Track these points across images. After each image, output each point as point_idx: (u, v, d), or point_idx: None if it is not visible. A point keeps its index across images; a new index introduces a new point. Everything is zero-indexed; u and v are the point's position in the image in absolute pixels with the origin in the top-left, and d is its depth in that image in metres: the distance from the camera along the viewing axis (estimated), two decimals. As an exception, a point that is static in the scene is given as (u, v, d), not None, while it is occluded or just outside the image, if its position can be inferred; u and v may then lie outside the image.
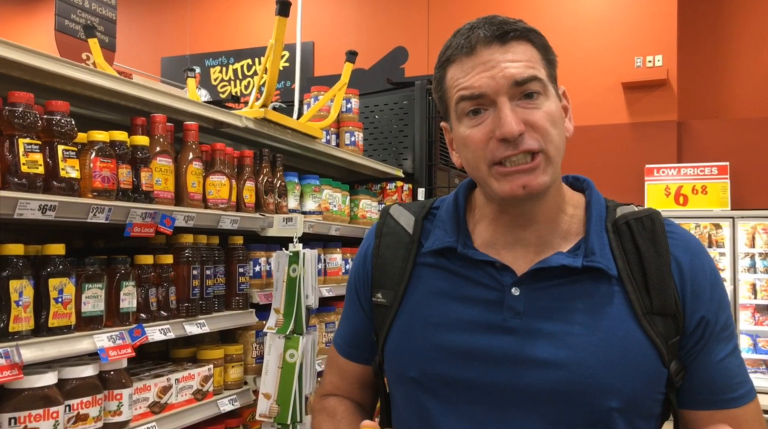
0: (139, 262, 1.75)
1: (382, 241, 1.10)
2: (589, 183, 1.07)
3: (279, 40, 2.18)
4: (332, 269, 2.62)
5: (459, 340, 0.97)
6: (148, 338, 1.66)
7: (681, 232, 1.01)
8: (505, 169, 0.93)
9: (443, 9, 7.20)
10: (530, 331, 0.95)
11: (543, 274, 0.96)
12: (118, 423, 1.60)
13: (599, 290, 0.95)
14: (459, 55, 0.96)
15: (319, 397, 1.21)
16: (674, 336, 0.95)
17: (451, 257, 1.03)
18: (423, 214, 1.10)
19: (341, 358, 1.18)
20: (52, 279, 1.46)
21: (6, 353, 1.31)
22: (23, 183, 1.38)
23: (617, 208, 1.03)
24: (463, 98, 0.95)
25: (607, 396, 0.91)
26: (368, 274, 1.11)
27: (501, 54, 0.94)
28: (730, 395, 0.95)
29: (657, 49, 6.49)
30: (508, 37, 0.95)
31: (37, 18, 9.31)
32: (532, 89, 0.93)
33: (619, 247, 0.98)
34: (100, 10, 3.59)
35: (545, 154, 0.93)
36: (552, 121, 0.94)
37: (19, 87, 1.51)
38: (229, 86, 8.67)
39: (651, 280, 0.95)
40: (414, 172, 3.40)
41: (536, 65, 0.95)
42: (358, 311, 1.14)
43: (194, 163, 1.92)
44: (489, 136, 0.93)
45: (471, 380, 0.96)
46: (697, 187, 6.04)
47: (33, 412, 1.38)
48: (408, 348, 1.02)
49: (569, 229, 1.01)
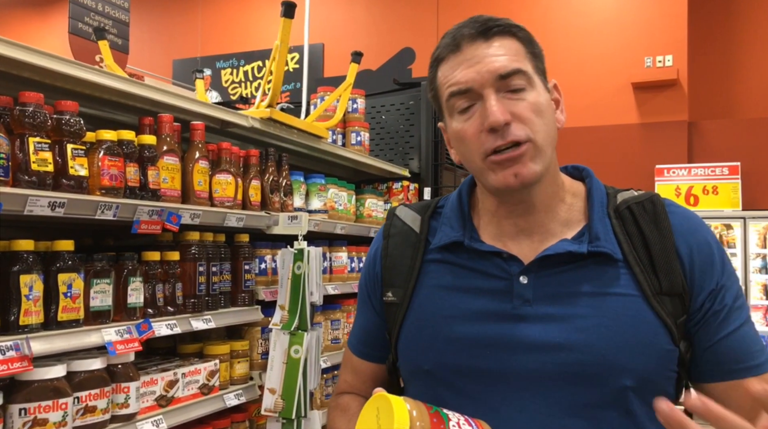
0: (146, 259, 1.79)
1: (390, 242, 1.13)
2: (588, 172, 1.09)
3: (284, 42, 2.21)
4: (338, 267, 2.65)
5: (471, 330, 1.00)
6: (154, 333, 1.70)
7: (682, 211, 1.03)
8: (497, 157, 0.96)
9: (452, 10, 7.22)
10: (540, 316, 0.97)
11: (549, 262, 0.99)
12: (125, 415, 1.63)
13: (606, 273, 0.98)
14: (446, 54, 1.00)
15: (335, 395, 1.24)
16: (681, 315, 0.97)
17: (458, 251, 1.05)
18: (429, 213, 1.13)
19: (355, 357, 1.21)
20: (62, 274, 1.50)
21: (16, 345, 1.35)
22: (33, 180, 1.42)
23: (618, 193, 1.05)
24: (452, 94, 0.99)
25: (620, 375, 0.93)
26: (378, 274, 1.14)
27: (485, 49, 0.97)
28: (751, 363, 0.96)
29: (667, 49, 6.47)
30: (491, 32, 0.98)
31: (50, 21, 9.44)
32: (517, 82, 0.96)
33: (622, 231, 1.00)
34: (113, 13, 3.65)
35: (533, 143, 0.96)
36: (537, 111, 0.97)
37: (30, 88, 1.55)
38: (240, 88, 8.74)
39: (657, 262, 0.97)
40: (420, 172, 3.42)
41: (520, 58, 0.98)
42: (370, 311, 1.17)
43: (201, 161, 1.96)
44: (480, 128, 0.96)
45: (485, 369, 0.98)
46: (707, 188, 6.00)
47: (42, 404, 1.42)
48: (421, 342, 1.05)
49: (570, 217, 1.04)
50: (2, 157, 1.36)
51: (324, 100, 2.93)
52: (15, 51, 1.43)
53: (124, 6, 3.74)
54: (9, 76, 1.56)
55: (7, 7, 9.67)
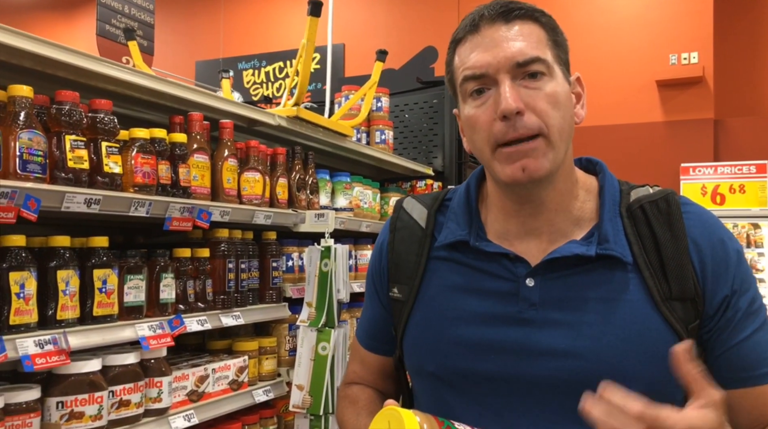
0: (177, 256, 1.81)
1: (396, 236, 1.10)
2: (602, 166, 1.05)
3: (311, 40, 2.22)
4: (363, 265, 2.66)
5: (475, 333, 0.98)
6: (186, 328, 1.72)
7: (698, 210, 0.99)
8: (507, 149, 0.92)
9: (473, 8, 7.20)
10: (546, 321, 0.94)
11: (557, 264, 0.96)
12: (158, 409, 1.66)
13: (614, 278, 0.94)
14: (464, 34, 0.97)
15: (344, 384, 1.24)
16: (694, 320, 0.94)
17: (464, 250, 1.02)
18: (436, 206, 1.10)
19: (363, 349, 1.19)
20: (97, 270, 1.53)
21: (54, 339, 1.38)
22: (70, 178, 1.45)
23: (632, 190, 1.01)
24: (466, 78, 0.95)
25: (627, 384, 0.89)
26: (384, 268, 1.12)
27: (504, 32, 0.93)
28: (761, 370, 0.93)
29: (692, 46, 6.37)
30: (512, 15, 0.94)
31: (75, 23, 9.60)
32: (535, 69, 0.92)
33: (634, 232, 0.96)
34: (139, 15, 3.70)
35: (546, 138, 0.92)
36: (554, 102, 0.93)
37: (65, 86, 1.58)
38: (261, 89, 8.79)
39: (668, 266, 0.94)
40: (444, 170, 3.42)
41: (541, 46, 0.94)
42: (377, 304, 1.15)
43: (229, 159, 1.98)
44: (492, 116, 0.93)
45: (489, 373, 0.96)
46: (734, 186, 5.90)
47: (79, 397, 1.45)
48: (425, 343, 1.03)
49: (582, 215, 1.00)
50: (40, 154, 1.39)
51: (349, 98, 2.94)
52: (52, 51, 1.46)
53: (150, 8, 3.79)
54: (45, 75, 1.59)
55: (32, 10, 9.86)
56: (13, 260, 1.36)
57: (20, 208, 1.29)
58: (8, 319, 1.33)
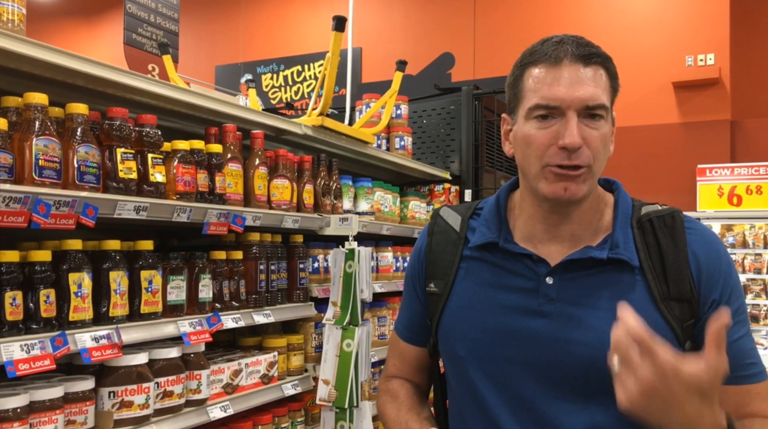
0: (213, 258, 1.94)
1: (434, 239, 1.27)
2: (617, 185, 1.21)
3: (335, 53, 2.35)
4: (384, 267, 2.78)
5: (501, 322, 1.14)
6: (223, 325, 1.85)
7: (700, 228, 1.15)
8: (557, 170, 1.06)
9: (489, 15, 7.28)
10: (562, 315, 1.10)
11: (573, 265, 1.11)
12: (198, 400, 1.79)
13: (623, 279, 1.10)
14: (543, 62, 1.08)
15: (383, 378, 1.39)
16: (689, 319, 1.08)
17: (493, 251, 1.18)
18: (468, 214, 1.27)
19: (402, 342, 1.35)
20: (144, 271, 1.67)
21: (108, 335, 1.52)
22: (120, 187, 1.58)
23: (642, 206, 1.17)
24: (539, 105, 1.07)
25: None
26: (422, 267, 1.29)
27: (582, 73, 1.06)
28: (742, 373, 1.07)
29: (709, 48, 6.40)
30: (591, 60, 1.07)
31: (99, 31, 9.83)
32: (598, 113, 1.07)
33: (641, 241, 1.12)
34: (165, 24, 3.85)
35: (590, 169, 1.07)
36: (604, 142, 1.08)
37: (109, 101, 1.72)
38: (280, 92, 8.96)
39: (669, 270, 1.09)
40: (461, 174, 3.52)
41: (606, 93, 1.08)
42: (415, 300, 1.31)
43: (260, 167, 2.11)
44: (552, 142, 1.06)
45: (511, 356, 1.12)
46: (751, 187, 5.93)
47: (129, 387, 1.58)
48: (457, 329, 1.19)
49: (599, 226, 1.16)
50: (94, 166, 1.52)
51: (369, 107, 3.06)
52: (105, 71, 1.60)
53: (174, 17, 3.94)
54: (95, 92, 1.73)
55: (57, 17, 10.11)
56: (72, 262, 1.50)
57: (80, 215, 1.43)
58: (68, 315, 1.47)
